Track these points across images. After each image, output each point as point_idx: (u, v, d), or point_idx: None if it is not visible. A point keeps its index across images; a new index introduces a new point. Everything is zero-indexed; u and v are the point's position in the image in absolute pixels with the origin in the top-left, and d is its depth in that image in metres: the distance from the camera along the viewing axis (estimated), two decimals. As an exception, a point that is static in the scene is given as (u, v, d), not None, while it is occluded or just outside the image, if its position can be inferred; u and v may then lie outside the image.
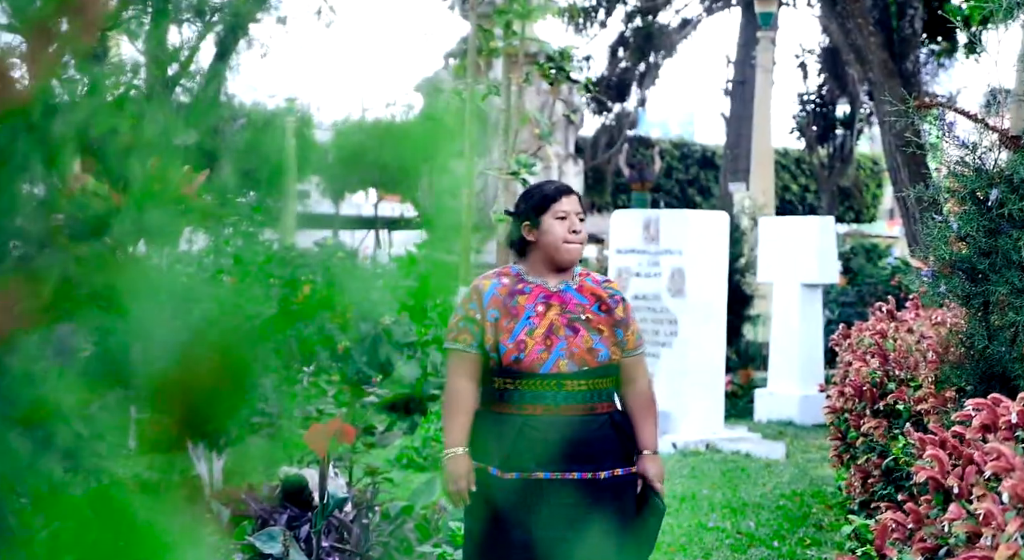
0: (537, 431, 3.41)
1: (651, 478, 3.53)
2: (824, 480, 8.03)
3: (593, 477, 3.43)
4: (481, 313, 3.49)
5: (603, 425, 3.47)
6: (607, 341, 3.47)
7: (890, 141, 12.18)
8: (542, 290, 3.52)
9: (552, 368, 3.42)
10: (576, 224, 3.52)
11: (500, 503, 3.44)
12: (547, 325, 3.46)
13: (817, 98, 23.27)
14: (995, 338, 3.90)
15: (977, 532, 2.63)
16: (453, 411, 3.53)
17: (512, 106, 9.40)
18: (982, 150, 3.96)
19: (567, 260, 3.53)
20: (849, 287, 14.03)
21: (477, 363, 3.51)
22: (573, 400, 3.43)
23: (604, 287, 3.58)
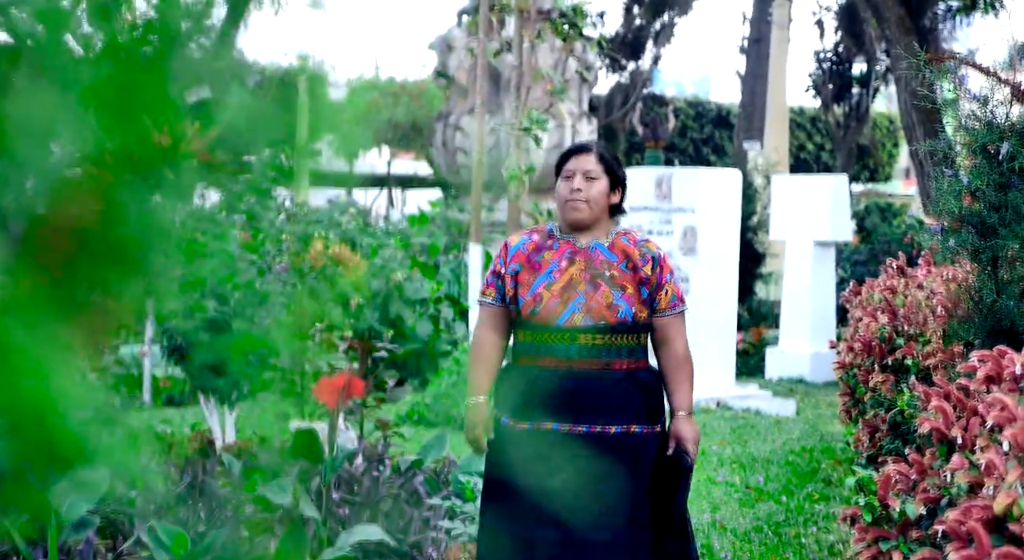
0: (548, 383, 3.45)
1: (684, 440, 3.53)
2: (834, 436, 8.06)
3: (602, 431, 3.44)
4: (506, 267, 3.56)
5: (620, 382, 3.47)
6: (630, 299, 3.48)
7: (906, 99, 12.09)
8: (569, 246, 3.55)
9: (567, 322, 3.44)
10: (576, 182, 3.51)
11: (511, 452, 3.49)
12: (566, 280, 3.49)
13: (833, 56, 23.06)
14: (1003, 292, 3.90)
15: (979, 482, 2.64)
16: (475, 361, 3.60)
17: (524, 63, 9.35)
18: (994, 104, 3.94)
19: (570, 219, 3.54)
20: (862, 245, 13.99)
21: (502, 316, 3.57)
22: (587, 354, 3.45)
23: (639, 246, 3.57)
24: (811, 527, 5.75)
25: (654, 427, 3.52)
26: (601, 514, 3.43)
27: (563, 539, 3.42)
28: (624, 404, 3.47)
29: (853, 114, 23.15)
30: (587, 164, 3.53)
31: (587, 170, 3.53)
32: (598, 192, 3.53)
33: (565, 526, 3.42)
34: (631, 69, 23.98)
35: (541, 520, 3.43)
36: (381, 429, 6.19)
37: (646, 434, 3.50)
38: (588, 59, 17.03)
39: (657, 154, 21.05)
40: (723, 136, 28.11)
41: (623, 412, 3.47)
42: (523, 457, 3.47)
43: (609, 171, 3.56)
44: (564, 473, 3.43)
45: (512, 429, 3.50)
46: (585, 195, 3.51)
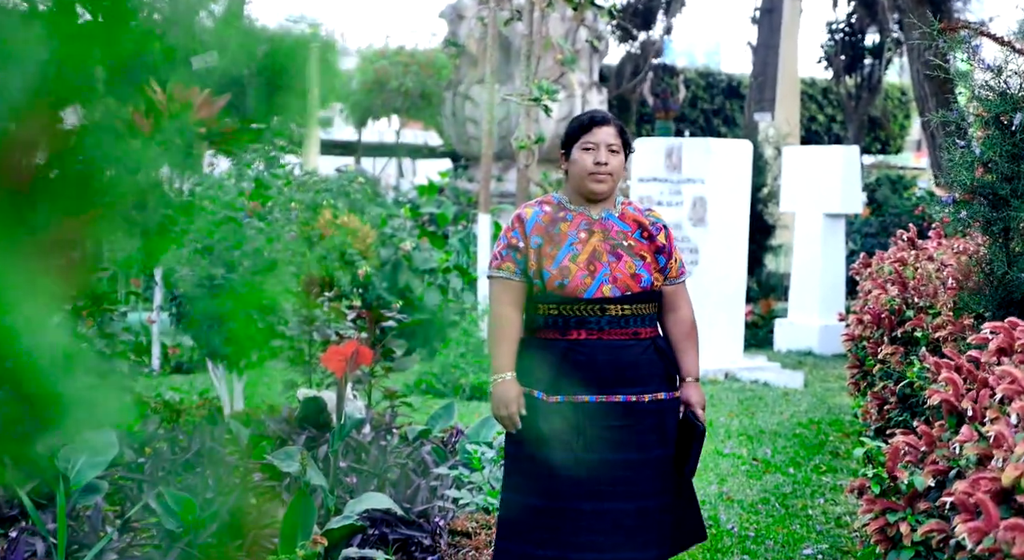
0: (581, 356, 3.45)
1: (694, 404, 3.58)
2: (842, 408, 8.05)
3: (637, 400, 3.47)
4: (524, 241, 3.52)
5: (646, 350, 3.51)
6: (649, 267, 3.51)
7: (918, 70, 12.01)
8: (584, 217, 3.55)
9: (596, 293, 3.45)
10: (602, 155, 3.49)
11: (546, 426, 3.47)
12: (590, 251, 3.49)
13: (846, 27, 22.89)
14: (1015, 264, 3.87)
15: (988, 454, 2.63)
16: (499, 338, 3.55)
17: (535, 32, 9.28)
18: (1008, 74, 3.89)
19: (593, 192, 3.53)
20: (872, 217, 13.93)
21: (521, 291, 3.54)
22: (616, 325, 3.47)
23: (646, 215, 3.60)
24: (818, 499, 5.75)
25: (673, 392, 3.57)
26: (639, 482, 3.47)
27: (597, 510, 3.44)
28: (651, 372, 3.51)
29: (865, 85, 23.01)
30: (610, 137, 3.52)
31: (610, 143, 3.52)
32: (619, 164, 3.54)
33: (600, 497, 3.44)
34: (642, 39, 23.83)
35: (578, 493, 3.43)
36: (389, 398, 6.20)
37: (669, 400, 3.54)
38: (599, 29, 16.93)
39: (668, 125, 20.95)
40: (734, 107, 27.97)
41: (651, 380, 3.50)
42: (557, 430, 3.47)
43: (625, 145, 3.57)
44: (601, 444, 3.44)
45: (545, 403, 3.48)
46: (610, 168, 3.51)
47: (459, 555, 4.55)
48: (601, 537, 3.43)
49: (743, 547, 4.96)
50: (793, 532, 5.18)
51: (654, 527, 3.49)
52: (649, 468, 3.48)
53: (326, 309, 6.62)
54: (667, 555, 3.58)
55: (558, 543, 3.44)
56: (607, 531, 3.43)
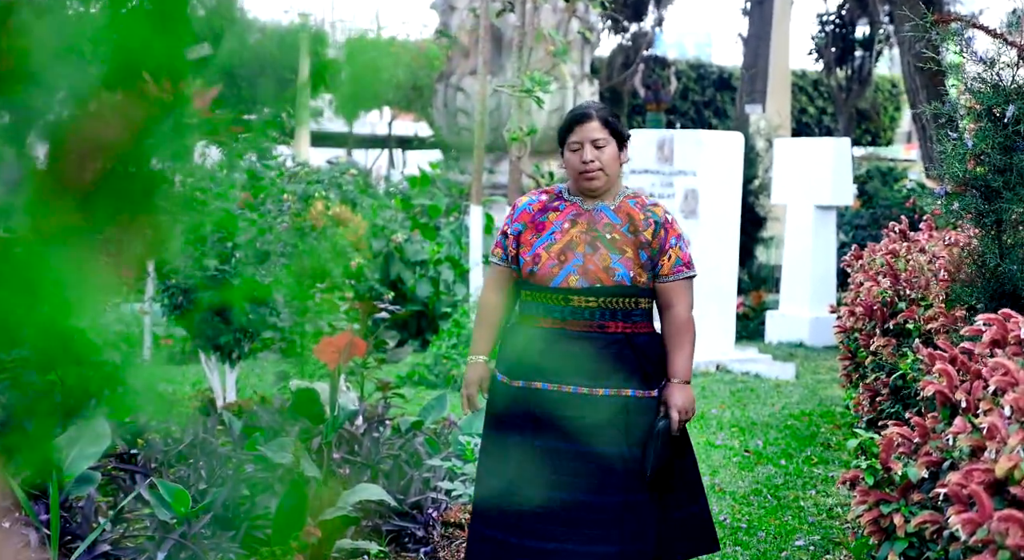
0: (542, 342, 3.47)
1: (670, 404, 3.50)
2: (833, 400, 8.08)
3: (590, 392, 3.44)
4: (511, 227, 3.58)
5: (613, 344, 3.46)
6: (628, 261, 3.47)
7: (909, 61, 12.02)
8: (575, 208, 3.55)
9: (562, 283, 3.45)
10: (588, 154, 3.48)
11: (503, 408, 3.55)
12: (566, 241, 3.49)
13: (836, 19, 22.92)
14: (1007, 256, 3.88)
15: (981, 446, 2.64)
16: (478, 320, 3.67)
17: (527, 24, 9.27)
18: (1000, 66, 3.90)
19: (588, 189, 3.53)
20: (863, 209, 13.96)
21: (506, 275, 3.61)
22: (580, 316, 3.45)
23: (645, 210, 3.55)
24: (810, 490, 5.77)
25: (650, 392, 3.50)
26: (590, 476, 3.43)
27: (548, 497, 3.43)
28: (616, 367, 3.46)
29: (855, 78, 23.03)
30: (593, 132, 3.49)
31: (595, 139, 3.49)
32: (610, 158, 3.51)
33: (550, 486, 3.43)
34: (633, 31, 23.82)
35: (528, 478, 3.44)
36: (381, 390, 6.20)
37: (640, 398, 3.48)
38: (590, 20, 16.92)
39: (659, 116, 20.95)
40: (725, 99, 27.98)
41: (615, 374, 3.46)
42: (515, 414, 3.51)
43: (615, 133, 3.53)
44: (552, 432, 3.45)
45: (507, 386, 3.55)
46: (598, 164, 3.49)
47: (452, 546, 4.56)
48: (551, 526, 3.43)
49: (735, 538, 4.98)
50: (785, 523, 5.20)
51: (611, 523, 3.42)
52: (603, 463, 3.42)
53: (318, 300, 6.63)
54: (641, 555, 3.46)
55: (519, 529, 3.46)
56: (556, 520, 3.42)
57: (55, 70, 1.36)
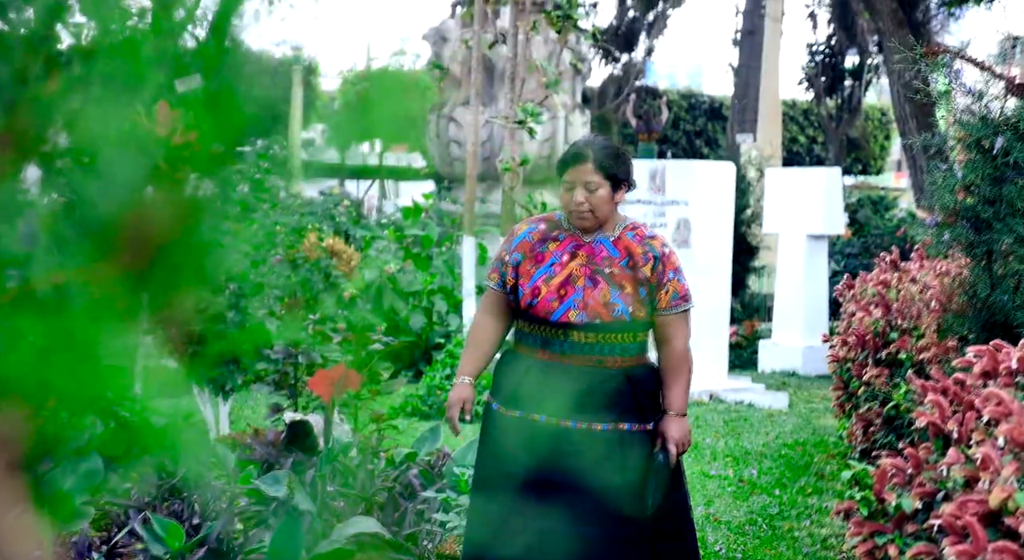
0: (541, 375, 3.48)
1: (667, 437, 3.51)
2: (827, 430, 8.08)
3: (588, 428, 3.45)
4: (509, 255, 3.59)
5: (611, 379, 3.47)
6: (628, 297, 3.47)
7: (899, 91, 12.11)
8: (574, 240, 3.56)
9: (562, 317, 3.46)
10: (579, 196, 3.48)
11: (500, 438, 3.54)
12: (566, 275, 3.50)
13: (826, 49, 23.08)
14: (998, 287, 3.91)
15: (975, 476, 2.65)
16: (468, 342, 3.69)
17: (519, 55, 9.33)
18: (988, 98, 3.94)
19: (580, 227, 3.55)
20: (855, 238, 14.01)
21: (501, 301, 3.62)
22: (579, 351, 3.46)
23: (643, 243, 3.55)
24: (804, 520, 5.77)
25: (645, 425, 3.51)
26: (585, 508, 3.43)
27: (544, 529, 3.43)
28: (615, 401, 3.47)
29: (845, 107, 23.17)
30: (586, 175, 3.50)
31: (587, 181, 3.50)
32: (601, 200, 3.50)
33: (549, 517, 3.43)
34: (624, 61, 23.97)
35: (523, 509, 3.45)
36: (375, 421, 6.19)
37: (636, 431, 3.49)
38: (582, 51, 17.02)
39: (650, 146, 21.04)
40: (716, 128, 28.11)
41: (613, 409, 3.47)
42: (511, 445, 3.52)
43: (609, 176, 3.51)
44: (550, 466, 3.45)
45: (502, 415, 3.55)
46: (588, 206, 3.50)
47: (447, 579, 4.54)
48: (533, 555, 3.43)
49: (730, 569, 4.97)
50: (780, 554, 5.19)
51: (605, 556, 3.44)
52: (598, 496, 3.43)
53: (311, 331, 6.62)
54: None
55: (500, 555, 3.47)
56: (538, 549, 3.43)
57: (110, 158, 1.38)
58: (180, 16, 2.53)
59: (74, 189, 1.38)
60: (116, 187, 1.37)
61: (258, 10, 1.78)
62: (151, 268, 1.33)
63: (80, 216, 1.35)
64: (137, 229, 1.32)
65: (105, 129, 1.38)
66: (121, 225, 1.35)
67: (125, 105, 1.42)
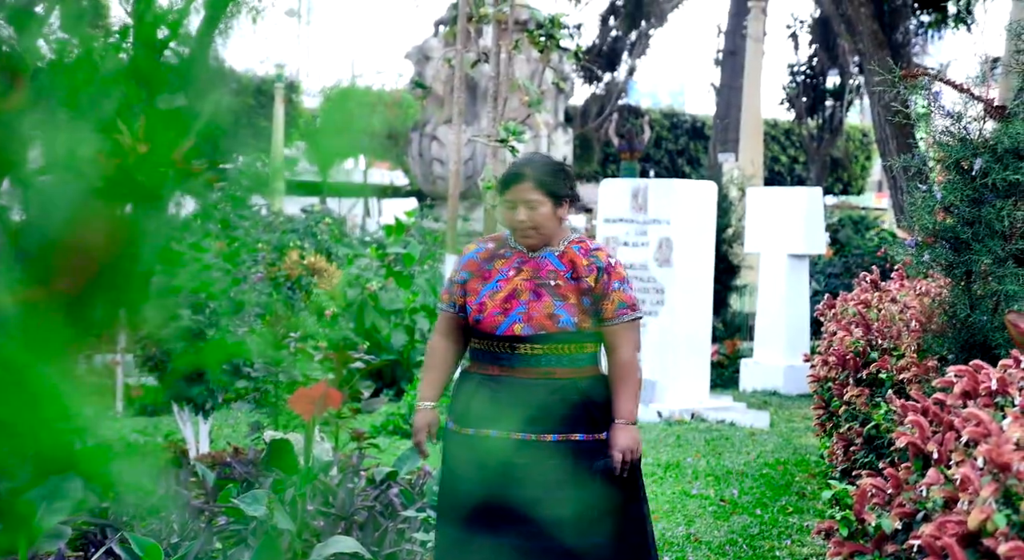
0: (491, 390, 3.55)
1: (613, 445, 3.54)
2: (808, 449, 8.09)
3: (539, 439, 3.50)
4: (457, 274, 3.67)
5: (561, 390, 3.53)
6: (572, 308, 3.53)
7: (879, 112, 12.18)
8: (520, 255, 3.63)
9: (507, 330, 3.52)
10: (520, 214, 3.55)
11: (457, 456, 3.61)
12: (510, 289, 3.56)
13: (807, 69, 23.23)
14: (977, 307, 3.92)
15: (954, 497, 2.65)
16: (425, 366, 3.75)
17: (501, 74, 9.35)
18: (967, 120, 3.97)
19: (525, 244, 3.62)
20: (836, 258, 14.07)
21: (453, 322, 3.69)
22: (527, 364, 3.52)
23: (588, 255, 3.61)
24: (785, 540, 5.77)
25: (597, 435, 3.56)
26: (540, 521, 3.47)
27: (500, 545, 3.48)
28: (565, 412, 3.52)
29: (826, 127, 23.31)
30: (526, 194, 3.56)
31: (527, 199, 3.56)
32: (543, 217, 3.57)
33: (507, 533, 3.48)
34: (607, 80, 24.06)
35: (483, 525, 3.50)
36: (356, 440, 6.17)
37: (588, 442, 3.54)
38: (564, 70, 17.08)
39: (633, 165, 21.11)
40: (698, 148, 28.22)
41: (562, 420, 3.52)
42: (466, 462, 3.58)
43: (550, 193, 3.57)
44: (504, 480, 3.50)
45: (457, 434, 3.61)
46: (531, 223, 3.57)
47: (427, 599, 4.52)
48: None
49: (711, 589, 4.96)
50: (761, 573, 5.19)
51: None
52: (553, 508, 3.48)
53: (292, 349, 6.60)
54: None
55: None
56: None
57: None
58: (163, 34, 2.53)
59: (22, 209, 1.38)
60: (54, 210, 1.36)
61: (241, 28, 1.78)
62: (90, 291, 1.32)
63: (19, 238, 1.34)
64: (75, 251, 1.32)
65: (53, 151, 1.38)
66: (59, 247, 1.34)
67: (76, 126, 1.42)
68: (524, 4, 10.31)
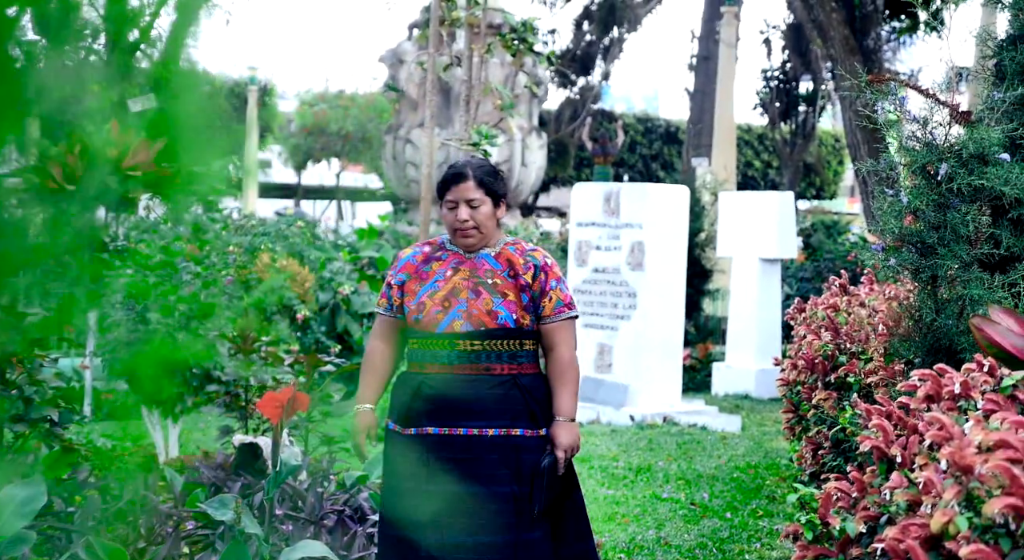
0: (431, 389, 3.59)
1: (556, 442, 3.60)
2: (778, 453, 8.12)
3: (480, 434, 3.55)
4: (394, 277, 3.72)
5: (500, 385, 3.58)
6: (511, 305, 3.60)
7: (850, 118, 12.25)
8: (456, 257, 3.69)
9: (446, 328, 3.58)
10: (463, 213, 3.62)
11: (398, 457, 3.64)
12: (449, 288, 3.62)
13: (780, 74, 23.33)
14: (943, 311, 3.95)
15: (918, 500, 2.66)
16: (364, 370, 3.78)
17: (474, 78, 9.35)
18: (933, 125, 3.99)
19: (463, 245, 3.67)
20: (808, 262, 14.14)
21: (391, 325, 3.74)
22: (466, 360, 3.58)
23: (525, 255, 3.69)
24: (755, 543, 5.78)
25: (538, 431, 3.61)
26: (482, 516, 3.52)
27: (443, 542, 3.52)
28: (504, 408, 3.57)
29: (799, 132, 23.42)
30: (468, 193, 3.64)
31: (469, 198, 3.64)
32: (484, 216, 3.66)
33: (448, 529, 3.52)
34: (581, 84, 24.09)
35: (425, 523, 3.53)
36: (327, 444, 6.15)
37: (529, 437, 3.59)
38: (538, 74, 17.09)
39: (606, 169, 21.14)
40: (672, 152, 28.30)
41: (503, 416, 3.57)
42: (408, 461, 3.61)
43: (490, 193, 3.66)
44: (446, 476, 3.54)
45: (399, 434, 3.65)
46: (473, 222, 3.64)
47: (396, 604, 4.50)
48: None
49: (680, 592, 4.97)
50: (730, 577, 5.20)
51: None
52: (496, 503, 3.53)
53: (263, 353, 6.57)
54: None
55: None
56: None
57: None
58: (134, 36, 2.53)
59: None
60: None
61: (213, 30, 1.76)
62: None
63: None
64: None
65: None
66: None
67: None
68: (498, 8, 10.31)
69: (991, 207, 4.06)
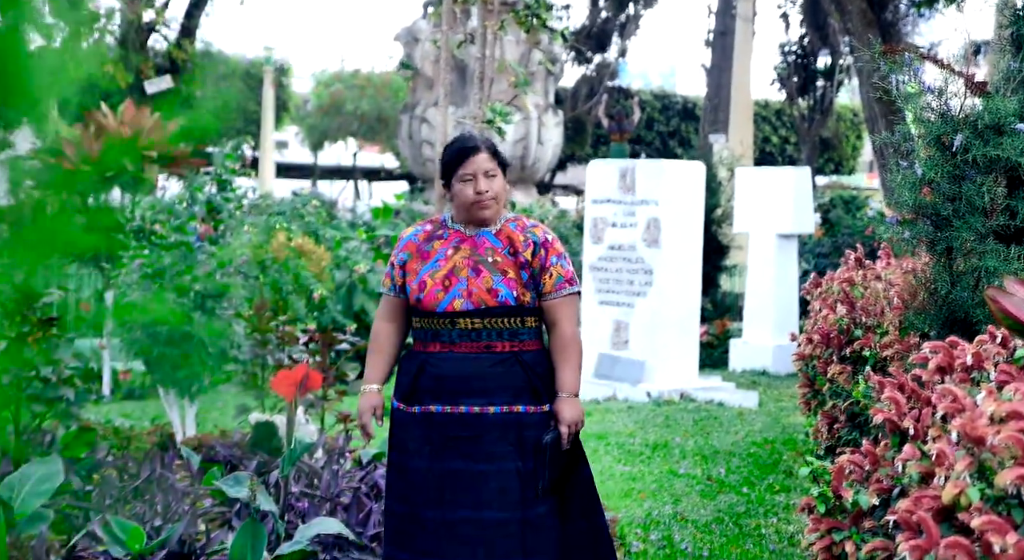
0: (434, 367, 3.59)
1: (559, 418, 3.60)
2: (795, 428, 8.10)
3: (482, 411, 3.56)
4: (396, 257, 3.72)
5: (501, 363, 3.58)
6: (511, 282, 3.59)
7: (867, 91, 12.16)
8: (458, 235, 3.68)
9: (447, 307, 3.57)
10: (481, 184, 3.60)
11: (403, 435, 3.65)
12: (450, 267, 3.62)
13: (798, 49, 23.18)
14: (958, 283, 3.92)
15: (930, 472, 2.65)
16: (370, 350, 3.78)
17: (488, 55, 9.31)
18: (948, 96, 3.96)
19: (482, 218, 3.65)
20: (825, 238, 14.08)
21: (396, 305, 3.74)
22: (467, 338, 3.57)
23: (525, 232, 3.67)
24: (771, 518, 5.78)
25: (541, 407, 3.61)
26: (488, 493, 3.53)
27: (439, 518, 3.54)
28: (506, 384, 3.57)
29: (817, 107, 23.28)
30: (484, 163, 3.62)
31: (486, 169, 3.62)
32: (500, 187, 3.66)
33: (442, 505, 3.54)
34: (597, 61, 23.99)
35: (429, 501, 3.56)
36: (342, 422, 6.17)
37: (532, 413, 3.59)
38: (554, 51, 17.02)
39: (623, 146, 21.06)
40: (689, 129, 28.18)
41: (504, 393, 3.57)
42: (413, 439, 3.62)
43: (501, 164, 3.67)
44: (449, 454, 3.56)
45: (404, 412, 3.65)
46: (492, 194, 3.62)
47: (411, 579, 4.52)
48: (444, 544, 3.54)
49: (696, 567, 4.97)
50: (747, 551, 5.20)
51: (513, 539, 3.52)
52: (501, 480, 3.53)
53: (279, 333, 6.59)
54: None
55: (414, 549, 3.58)
56: (448, 538, 3.54)
57: None
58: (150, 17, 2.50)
59: None
60: None
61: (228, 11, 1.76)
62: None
63: None
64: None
65: None
66: None
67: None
68: (511, -16, 10.24)
69: (1007, 178, 4.02)
